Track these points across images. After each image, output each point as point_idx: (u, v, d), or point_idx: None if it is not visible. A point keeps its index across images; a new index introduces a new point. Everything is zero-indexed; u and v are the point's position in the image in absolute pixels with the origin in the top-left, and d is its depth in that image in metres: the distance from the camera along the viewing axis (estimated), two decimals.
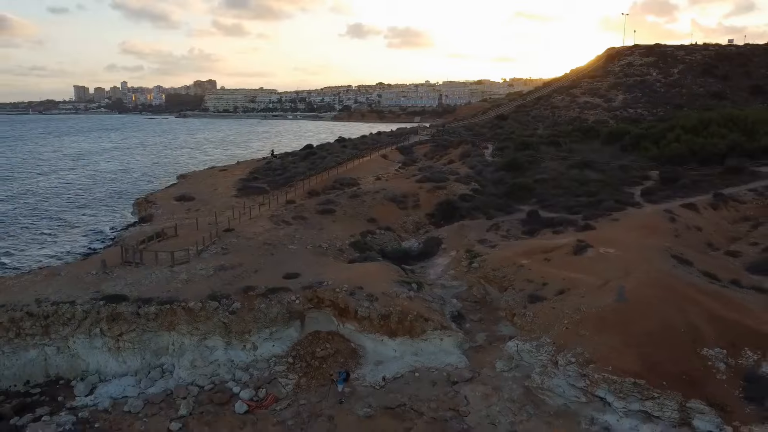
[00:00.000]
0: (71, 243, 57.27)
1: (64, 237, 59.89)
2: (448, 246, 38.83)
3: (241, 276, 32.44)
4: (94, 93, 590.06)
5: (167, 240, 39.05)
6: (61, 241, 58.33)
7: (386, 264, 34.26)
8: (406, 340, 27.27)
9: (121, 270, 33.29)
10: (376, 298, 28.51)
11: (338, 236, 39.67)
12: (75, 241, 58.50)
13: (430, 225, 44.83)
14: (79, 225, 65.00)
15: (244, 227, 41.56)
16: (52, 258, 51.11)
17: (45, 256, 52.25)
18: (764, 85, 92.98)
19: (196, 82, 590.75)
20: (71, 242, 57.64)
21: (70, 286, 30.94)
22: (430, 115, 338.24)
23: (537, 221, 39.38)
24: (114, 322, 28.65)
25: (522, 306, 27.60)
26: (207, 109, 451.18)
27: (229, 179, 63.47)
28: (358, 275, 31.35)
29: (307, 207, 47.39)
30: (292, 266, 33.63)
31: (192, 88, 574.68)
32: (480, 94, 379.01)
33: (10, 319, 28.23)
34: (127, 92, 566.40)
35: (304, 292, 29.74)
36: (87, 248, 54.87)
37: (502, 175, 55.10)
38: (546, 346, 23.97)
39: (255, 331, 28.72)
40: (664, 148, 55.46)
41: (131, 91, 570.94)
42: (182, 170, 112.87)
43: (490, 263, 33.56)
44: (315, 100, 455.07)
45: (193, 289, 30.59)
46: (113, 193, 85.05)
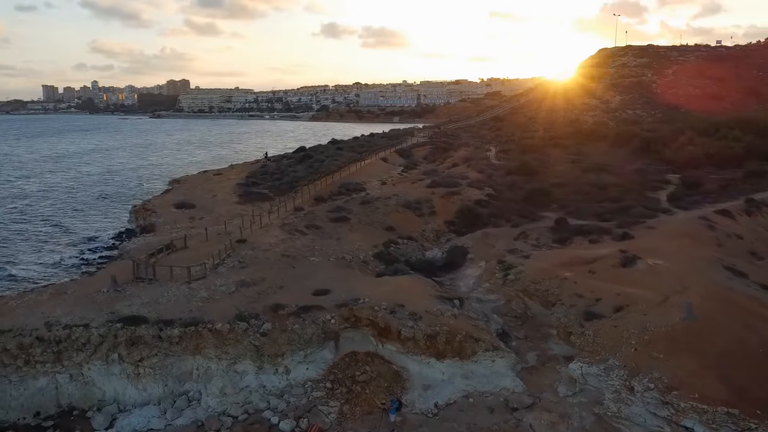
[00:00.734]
0: (66, 251, 54.51)
1: (57, 244, 57.14)
2: (475, 256, 37.19)
3: (265, 293, 30.38)
4: (63, 93, 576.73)
5: (177, 252, 36.68)
6: (56, 248, 55.66)
7: (418, 277, 32.48)
8: (455, 362, 25.52)
9: (134, 287, 30.95)
10: (419, 317, 26.71)
11: (360, 247, 37.74)
12: (69, 248, 55.74)
13: (450, 233, 43.14)
14: (72, 231, 62.23)
15: (257, 237, 39.37)
16: (49, 268, 48.49)
17: (42, 265, 49.65)
18: (757, 87, 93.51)
19: (169, 81, 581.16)
20: (65, 250, 54.88)
21: (82, 307, 28.52)
22: (409, 115, 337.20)
23: (566, 229, 37.97)
24: (133, 346, 26.39)
25: (578, 324, 26.02)
26: (182, 109, 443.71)
27: (226, 184, 60.98)
28: (392, 291, 29.53)
29: (318, 215, 45.34)
30: (319, 281, 31.67)
31: (165, 88, 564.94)
32: (458, 94, 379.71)
33: (18, 345, 25.77)
34: (98, 92, 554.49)
35: (340, 311, 27.79)
36: (82, 258, 52.13)
37: (515, 179, 53.72)
38: (616, 369, 22.42)
39: (288, 353, 26.71)
40: (677, 151, 54.66)
41: (102, 90, 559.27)
42: (167, 172, 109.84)
43: (528, 275, 31.97)
44: (292, 100, 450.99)
45: (216, 308, 28.44)
46: (101, 197, 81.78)
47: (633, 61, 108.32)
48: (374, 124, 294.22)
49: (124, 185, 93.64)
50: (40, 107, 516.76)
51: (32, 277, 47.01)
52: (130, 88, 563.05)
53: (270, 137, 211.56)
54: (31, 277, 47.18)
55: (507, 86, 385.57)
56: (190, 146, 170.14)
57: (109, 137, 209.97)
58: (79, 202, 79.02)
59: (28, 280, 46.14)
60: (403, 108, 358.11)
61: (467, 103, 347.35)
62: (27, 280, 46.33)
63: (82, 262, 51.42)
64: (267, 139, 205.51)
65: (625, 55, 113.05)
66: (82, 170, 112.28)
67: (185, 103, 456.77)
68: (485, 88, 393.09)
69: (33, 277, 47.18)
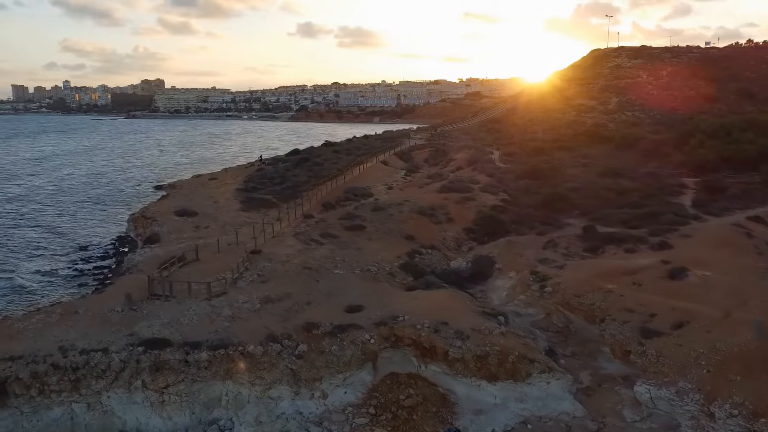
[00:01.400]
0: (57, 261, 51.88)
1: (47, 253, 54.56)
2: (504, 266, 35.71)
3: (293, 310, 28.55)
4: (34, 93, 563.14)
5: (189, 265, 34.58)
6: (46, 258, 53.03)
7: (454, 291, 30.95)
8: (508, 384, 23.95)
9: (151, 305, 28.84)
10: (467, 336, 25.12)
11: (384, 258, 36.03)
12: (60, 257, 53.11)
13: (470, 241, 41.66)
14: (61, 238, 59.63)
15: (272, 248, 37.42)
16: (41, 280, 45.93)
17: (32, 277, 47.07)
18: (751, 88, 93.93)
19: (143, 81, 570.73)
20: (56, 260, 52.26)
21: (97, 328, 26.38)
22: (390, 115, 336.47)
23: (596, 237, 36.71)
24: (158, 372, 24.36)
25: (636, 341, 24.66)
26: (157, 110, 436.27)
27: (225, 189, 58.80)
28: (431, 306, 27.90)
29: (330, 222, 43.51)
30: (348, 296, 29.95)
31: (139, 88, 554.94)
32: (438, 94, 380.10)
33: (32, 374, 23.56)
34: (70, 92, 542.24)
35: (379, 330, 26.09)
36: (75, 269, 49.60)
37: (527, 184, 52.48)
38: (690, 392, 21.10)
39: (327, 377, 24.93)
40: (689, 155, 53.98)
41: (74, 90, 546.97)
42: (154, 174, 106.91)
43: (567, 287, 30.62)
44: (270, 100, 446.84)
45: (244, 328, 26.53)
46: (88, 201, 78.79)
47: (627, 62, 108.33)
48: (355, 125, 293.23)
49: (110, 188, 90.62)
50: (10, 107, 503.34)
51: (23, 291, 44.33)
52: (103, 88, 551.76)
53: (252, 138, 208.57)
54: (23, 290, 44.43)
55: (486, 87, 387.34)
56: (172, 147, 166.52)
57: (86, 138, 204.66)
58: (65, 207, 75.97)
59: (19, 294, 43.50)
60: (384, 108, 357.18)
61: (447, 103, 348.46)
62: (17, 294, 43.70)
63: (75, 273, 48.86)
64: (249, 139, 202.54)
65: (619, 57, 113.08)
66: (64, 172, 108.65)
67: (161, 103, 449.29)
68: (465, 88, 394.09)
69: (24, 290, 44.46)
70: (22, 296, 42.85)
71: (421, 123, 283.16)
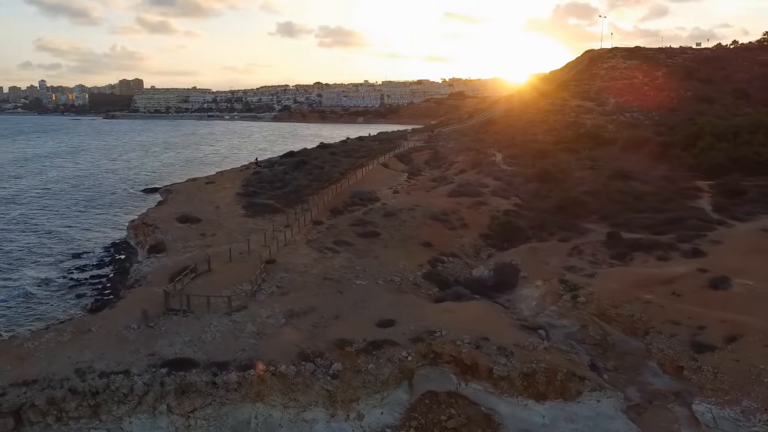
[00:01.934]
0: (50, 269, 49.96)
1: (39, 260, 52.71)
2: (529, 274, 34.63)
3: (321, 325, 27.15)
4: (8, 92, 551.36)
5: (202, 276, 32.94)
6: (38, 265, 51.18)
7: (487, 303, 29.83)
8: (557, 403, 22.83)
9: (168, 322, 27.24)
10: (510, 352, 23.94)
11: (406, 267, 34.74)
12: (53, 265, 51.14)
13: (488, 247, 40.53)
14: (52, 244, 57.65)
15: (286, 257, 35.95)
16: (35, 290, 43.90)
17: (25, 286, 45.12)
18: (746, 89, 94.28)
19: (122, 81, 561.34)
20: (49, 268, 50.30)
21: (114, 348, 24.74)
22: (373, 115, 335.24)
23: (622, 243, 35.79)
24: (184, 395, 22.87)
25: (689, 356, 23.66)
26: (137, 110, 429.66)
27: (225, 194, 57.00)
28: (466, 320, 26.71)
29: (342, 229, 42.13)
30: (376, 308, 28.62)
31: (118, 88, 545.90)
32: (422, 94, 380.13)
33: (48, 399, 21.90)
34: (46, 91, 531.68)
35: (416, 346, 24.82)
36: (70, 278, 47.65)
37: (537, 187, 51.58)
38: (756, 412, 20.15)
39: (364, 397, 23.61)
40: (700, 157, 53.47)
41: (51, 90, 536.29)
42: (142, 176, 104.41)
43: (602, 297, 29.61)
44: (252, 100, 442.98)
45: (271, 345, 25.09)
46: (76, 204, 76.42)
47: (622, 63, 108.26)
48: (339, 125, 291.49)
49: (99, 190, 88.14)
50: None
51: (19, 303, 42.23)
52: (80, 88, 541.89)
53: (238, 138, 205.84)
54: (18, 302, 42.33)
55: (469, 87, 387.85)
56: (156, 148, 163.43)
57: (67, 139, 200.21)
58: (54, 211, 73.51)
59: (15, 307, 41.40)
60: (367, 108, 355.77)
61: (432, 103, 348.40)
62: (12, 307, 41.56)
63: (72, 282, 46.87)
64: (235, 140, 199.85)
65: (614, 57, 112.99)
66: (49, 175, 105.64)
67: (141, 104, 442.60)
68: (448, 88, 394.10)
69: (20, 302, 42.35)
70: (18, 309, 40.76)
71: (406, 123, 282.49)
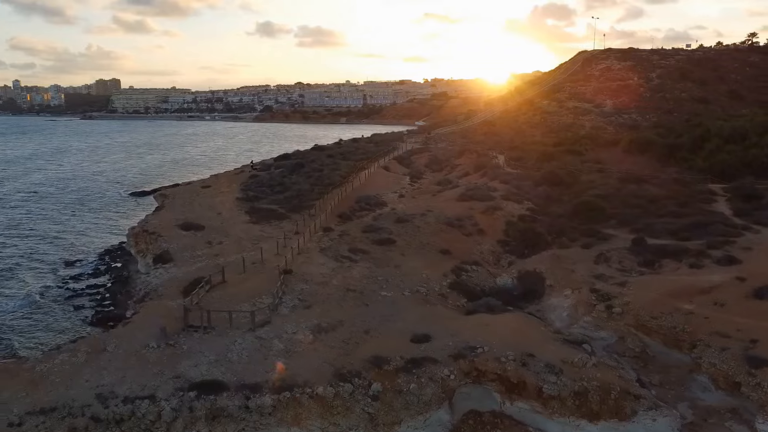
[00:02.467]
0: (43, 278, 47.90)
1: (30, 268, 50.49)
2: (556, 283, 33.56)
3: (353, 341, 25.82)
4: None
5: (216, 288, 31.35)
6: (30, 274, 49.06)
7: (522, 315, 28.77)
8: (611, 423, 21.76)
9: (189, 339, 25.67)
10: (560, 370, 22.80)
11: (429, 276, 33.50)
12: (46, 275, 49.05)
13: (508, 254, 39.41)
14: (42, 251, 55.59)
15: (302, 267, 34.51)
16: (31, 302, 41.92)
17: (18, 298, 43.13)
18: (739, 90, 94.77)
19: (98, 81, 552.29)
20: (42, 277, 48.25)
21: (135, 370, 23.11)
22: (356, 115, 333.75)
23: (648, 250, 34.91)
24: (215, 421, 21.41)
25: (744, 371, 22.70)
26: (115, 110, 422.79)
27: (224, 199, 55.25)
28: (505, 334, 25.58)
29: (354, 236, 40.77)
30: (406, 322, 27.36)
31: (95, 88, 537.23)
32: (404, 95, 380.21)
33: (70, 429, 20.17)
34: (20, 92, 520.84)
35: (458, 364, 23.58)
36: (66, 287, 45.65)
37: (548, 191, 50.63)
38: None
39: (406, 420, 22.34)
40: (709, 159, 53.00)
41: (25, 90, 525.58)
42: (129, 178, 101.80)
43: (639, 308, 28.62)
44: (233, 101, 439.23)
45: (303, 365, 23.66)
46: (65, 208, 74.03)
47: (617, 64, 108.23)
48: (322, 125, 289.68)
49: (86, 193, 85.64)
50: None
51: (15, 317, 40.05)
52: (55, 88, 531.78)
53: (222, 139, 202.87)
54: (14, 316, 40.15)
55: (452, 87, 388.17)
56: (140, 149, 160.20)
57: (47, 140, 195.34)
58: (40, 216, 71.04)
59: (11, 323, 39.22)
60: (350, 109, 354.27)
61: (415, 103, 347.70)
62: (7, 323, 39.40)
63: (69, 293, 44.81)
64: (219, 141, 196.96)
65: (608, 59, 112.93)
66: (33, 178, 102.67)
67: (119, 104, 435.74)
68: (430, 88, 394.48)
69: (15, 316, 40.17)
70: (12, 323, 38.63)
71: (390, 123, 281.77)
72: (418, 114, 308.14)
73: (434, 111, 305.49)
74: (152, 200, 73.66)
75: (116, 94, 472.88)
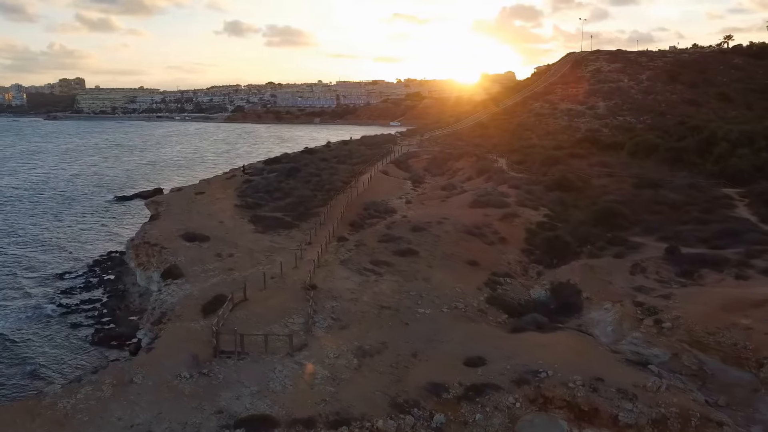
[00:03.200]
0: (31, 294, 45.25)
1: (15, 283, 47.37)
2: (593, 295, 32.27)
3: (401, 365, 24.10)
4: None
5: (239, 307, 29.22)
6: (16, 290, 45.90)
7: (576, 333, 27.26)
8: None
9: (223, 367, 23.59)
10: (633, 395, 21.38)
11: (463, 291, 31.89)
12: (34, 289, 46.49)
13: (534, 263, 38.01)
14: (26, 264, 52.72)
15: (325, 281, 32.65)
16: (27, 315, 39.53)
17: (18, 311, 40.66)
18: (728, 92, 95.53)
19: (62, 80, 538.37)
20: (30, 293, 45.56)
21: (170, 404, 21.01)
22: (330, 116, 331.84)
23: (685, 260, 33.86)
24: None
25: None
26: (81, 110, 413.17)
27: (221, 206, 52.80)
28: (564, 354, 24.13)
29: (372, 246, 39.00)
30: (451, 342, 25.82)
31: (58, 87, 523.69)
32: (378, 95, 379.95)
33: None
34: None
35: (522, 390, 21.95)
36: (59, 304, 43.23)
37: (561, 197, 49.48)
38: None
39: None
40: (720, 163, 52.57)
41: None
42: (108, 181, 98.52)
43: (692, 322, 27.43)
44: (203, 101, 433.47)
45: (355, 394, 21.89)
46: (45, 215, 70.79)
47: (606, 66, 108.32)
48: (296, 126, 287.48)
49: (64, 199, 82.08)
50: None
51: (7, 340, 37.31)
52: (17, 87, 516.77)
53: (197, 140, 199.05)
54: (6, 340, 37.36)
55: (425, 87, 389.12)
56: (114, 151, 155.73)
57: (14, 142, 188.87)
58: (18, 225, 67.62)
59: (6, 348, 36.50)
60: (324, 109, 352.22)
61: (389, 104, 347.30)
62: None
63: (62, 309, 42.45)
64: (194, 142, 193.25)
65: (597, 60, 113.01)
66: (5, 182, 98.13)
67: (85, 104, 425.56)
68: (404, 89, 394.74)
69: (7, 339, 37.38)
70: (11, 349, 35.84)
71: (366, 124, 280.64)
72: (392, 114, 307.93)
73: (409, 111, 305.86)
74: (137, 205, 71.14)
75: (81, 93, 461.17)
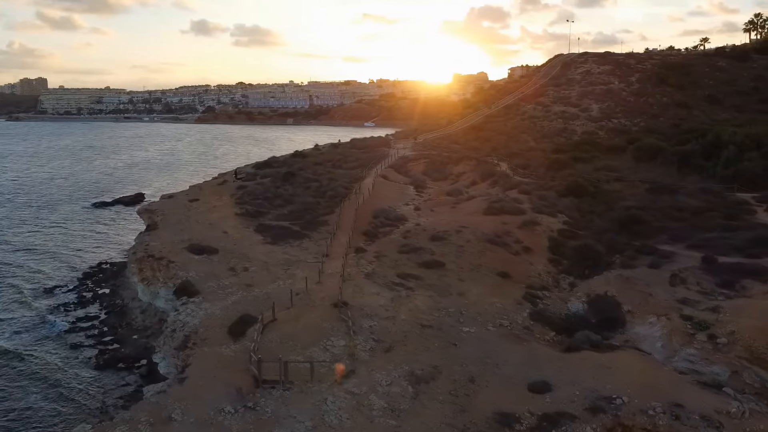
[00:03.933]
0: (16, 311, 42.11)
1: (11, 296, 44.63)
2: (634, 308, 31.10)
3: (461, 393, 22.52)
4: None
5: (270, 329, 27.25)
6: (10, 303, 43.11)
7: (637, 352, 25.95)
8: None
9: (269, 399, 21.69)
10: (719, 423, 20.20)
11: (504, 306, 30.42)
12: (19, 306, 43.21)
13: (564, 274, 36.75)
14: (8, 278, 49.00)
15: (355, 297, 30.88)
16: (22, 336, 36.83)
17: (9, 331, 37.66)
18: (716, 95, 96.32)
19: (23, 80, 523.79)
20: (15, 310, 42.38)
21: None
22: (303, 116, 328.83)
23: (723, 269, 32.99)
24: None
25: None
26: (45, 111, 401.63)
27: (221, 214, 50.46)
28: (634, 378, 22.89)
29: (393, 258, 37.44)
30: (511, 365, 24.28)
31: (19, 87, 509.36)
32: (351, 95, 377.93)
33: None
34: None
35: (599, 419, 20.53)
36: (50, 322, 40.31)
37: (575, 203, 48.47)
38: None
39: None
40: (730, 167, 52.26)
41: None
42: (85, 186, 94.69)
43: (749, 338, 26.43)
44: (172, 101, 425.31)
45: (420, 427, 20.28)
46: (24, 222, 67.06)
47: (596, 68, 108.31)
48: (269, 126, 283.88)
49: (41, 205, 78.34)
50: None
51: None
52: None
53: (170, 142, 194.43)
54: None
55: (398, 88, 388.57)
56: (85, 153, 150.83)
57: None
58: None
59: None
60: (297, 110, 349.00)
61: (363, 104, 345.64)
62: None
63: (55, 329, 39.46)
64: (166, 143, 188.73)
65: (586, 62, 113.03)
66: None
67: (48, 104, 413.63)
68: (377, 89, 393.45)
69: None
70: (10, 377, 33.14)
71: (339, 125, 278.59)
72: (367, 115, 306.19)
73: (383, 112, 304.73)
74: (119, 211, 68.42)
75: (45, 94, 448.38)
